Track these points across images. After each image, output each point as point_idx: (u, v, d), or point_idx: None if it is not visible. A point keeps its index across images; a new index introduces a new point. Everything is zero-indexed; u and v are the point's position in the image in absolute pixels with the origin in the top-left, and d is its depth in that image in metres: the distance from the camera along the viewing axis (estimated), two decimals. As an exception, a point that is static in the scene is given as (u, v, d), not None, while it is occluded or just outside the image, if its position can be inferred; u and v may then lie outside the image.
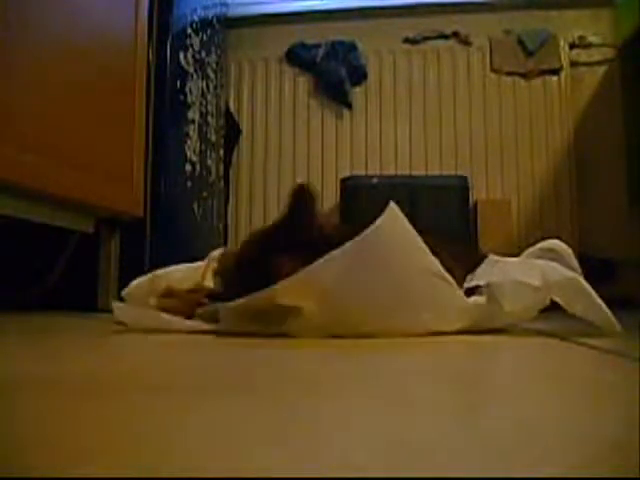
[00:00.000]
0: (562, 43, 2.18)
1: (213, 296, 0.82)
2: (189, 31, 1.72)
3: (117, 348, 0.65)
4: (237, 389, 0.37)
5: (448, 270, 0.67)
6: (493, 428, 0.26)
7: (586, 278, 0.68)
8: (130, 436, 0.24)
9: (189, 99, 1.71)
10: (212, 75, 1.95)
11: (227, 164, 2.19)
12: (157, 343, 0.67)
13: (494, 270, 0.72)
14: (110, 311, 0.81)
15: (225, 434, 0.25)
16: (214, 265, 0.86)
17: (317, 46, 2.25)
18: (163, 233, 1.48)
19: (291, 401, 0.33)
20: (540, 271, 0.68)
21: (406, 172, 2.18)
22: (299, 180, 2.23)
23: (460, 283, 0.71)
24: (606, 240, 2.01)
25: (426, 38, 2.26)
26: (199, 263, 0.95)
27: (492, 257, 0.77)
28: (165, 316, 0.78)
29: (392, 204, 0.64)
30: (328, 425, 0.27)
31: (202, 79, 1.84)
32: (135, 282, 0.93)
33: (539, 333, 0.73)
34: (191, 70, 1.73)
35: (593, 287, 0.67)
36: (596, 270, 0.78)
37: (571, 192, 2.13)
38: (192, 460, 0.21)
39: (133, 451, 0.22)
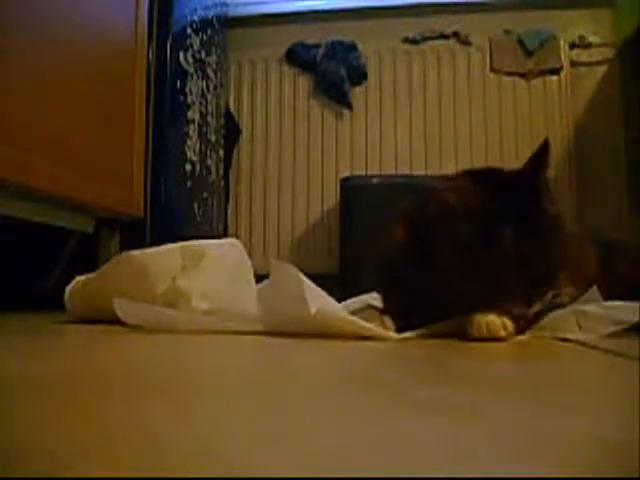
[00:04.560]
0: (562, 43, 2.18)
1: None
2: (189, 31, 1.72)
3: (115, 348, 0.65)
4: (238, 388, 0.37)
5: None
6: (492, 428, 0.26)
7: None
8: (129, 436, 0.24)
9: (189, 99, 1.71)
10: (212, 75, 1.95)
11: (227, 164, 2.19)
12: (158, 342, 0.67)
13: None
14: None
15: (224, 434, 0.25)
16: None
17: (317, 46, 2.25)
18: (163, 233, 1.48)
19: (292, 401, 0.33)
20: None
21: (406, 172, 2.18)
22: (300, 180, 2.23)
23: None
24: (606, 240, 2.01)
25: (426, 38, 2.26)
26: (169, 245, 0.94)
27: None
28: (172, 312, 0.77)
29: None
30: (323, 425, 0.27)
31: (202, 79, 1.84)
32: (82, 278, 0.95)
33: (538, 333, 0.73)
34: (191, 70, 1.73)
35: None
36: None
37: (571, 192, 2.12)
38: (191, 460, 0.21)
39: (133, 451, 0.22)
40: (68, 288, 0.98)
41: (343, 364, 0.51)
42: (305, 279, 0.67)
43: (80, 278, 0.99)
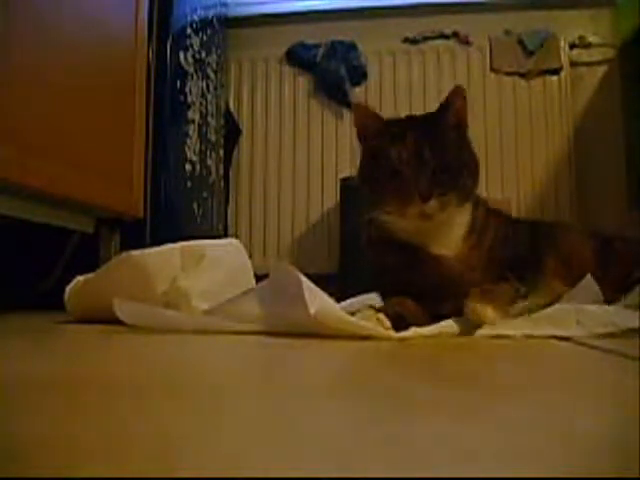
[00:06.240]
0: (562, 43, 2.18)
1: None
2: (189, 31, 1.72)
3: (115, 348, 0.65)
4: (237, 389, 0.37)
5: None
6: (492, 428, 0.26)
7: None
8: (129, 436, 0.24)
9: (189, 99, 1.71)
10: (212, 75, 1.95)
11: (227, 164, 2.19)
12: (158, 342, 0.67)
13: None
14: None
15: (224, 434, 0.25)
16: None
17: (317, 46, 2.25)
18: (163, 233, 1.48)
19: (291, 401, 0.33)
20: None
21: (406, 172, 2.17)
22: (300, 180, 2.23)
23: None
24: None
25: (426, 38, 2.26)
26: (169, 245, 0.94)
27: None
28: (172, 313, 0.77)
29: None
30: (323, 425, 0.27)
31: (202, 79, 1.84)
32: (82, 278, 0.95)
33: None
34: (191, 70, 1.73)
35: None
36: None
37: (570, 192, 2.13)
38: (191, 460, 0.21)
39: (133, 451, 0.22)
40: (68, 288, 0.98)
41: (343, 364, 0.51)
42: (305, 279, 0.67)
43: (80, 278, 0.99)
